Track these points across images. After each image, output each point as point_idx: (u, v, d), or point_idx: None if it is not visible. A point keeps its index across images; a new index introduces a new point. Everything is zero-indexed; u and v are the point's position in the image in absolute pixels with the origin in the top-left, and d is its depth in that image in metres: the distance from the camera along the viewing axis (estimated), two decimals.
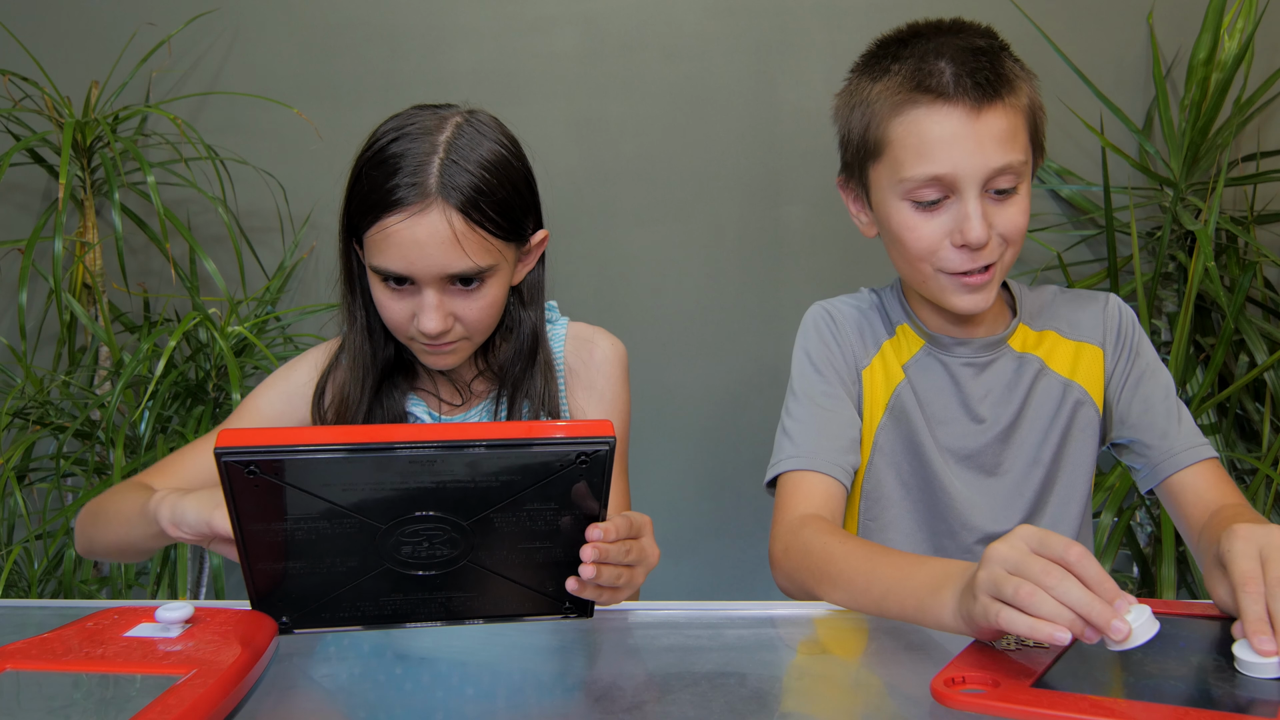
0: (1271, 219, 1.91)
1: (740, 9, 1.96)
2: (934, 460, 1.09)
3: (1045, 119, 1.05)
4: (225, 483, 0.71)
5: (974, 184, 0.98)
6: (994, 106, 0.97)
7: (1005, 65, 1.00)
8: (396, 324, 1.04)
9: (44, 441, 1.89)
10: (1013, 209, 1.00)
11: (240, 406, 1.15)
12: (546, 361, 1.13)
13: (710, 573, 2.04)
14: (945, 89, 0.97)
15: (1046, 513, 1.10)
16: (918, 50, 1.00)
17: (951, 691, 0.64)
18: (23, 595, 1.76)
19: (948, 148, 0.97)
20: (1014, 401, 1.10)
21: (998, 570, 0.68)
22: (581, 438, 0.71)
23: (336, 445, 0.69)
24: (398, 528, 0.74)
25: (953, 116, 0.97)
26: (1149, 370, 1.10)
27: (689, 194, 1.99)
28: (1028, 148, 1.01)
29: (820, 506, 1.02)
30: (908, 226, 1.02)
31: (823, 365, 1.11)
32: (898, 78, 1.00)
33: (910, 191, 1.01)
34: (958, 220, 0.99)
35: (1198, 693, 0.63)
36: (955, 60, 0.98)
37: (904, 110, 0.99)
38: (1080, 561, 0.66)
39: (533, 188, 1.07)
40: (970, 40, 1.00)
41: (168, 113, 1.86)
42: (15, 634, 0.74)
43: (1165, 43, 1.93)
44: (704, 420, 2.02)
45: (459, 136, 1.01)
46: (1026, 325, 1.12)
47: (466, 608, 0.79)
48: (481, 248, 1.00)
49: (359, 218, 1.01)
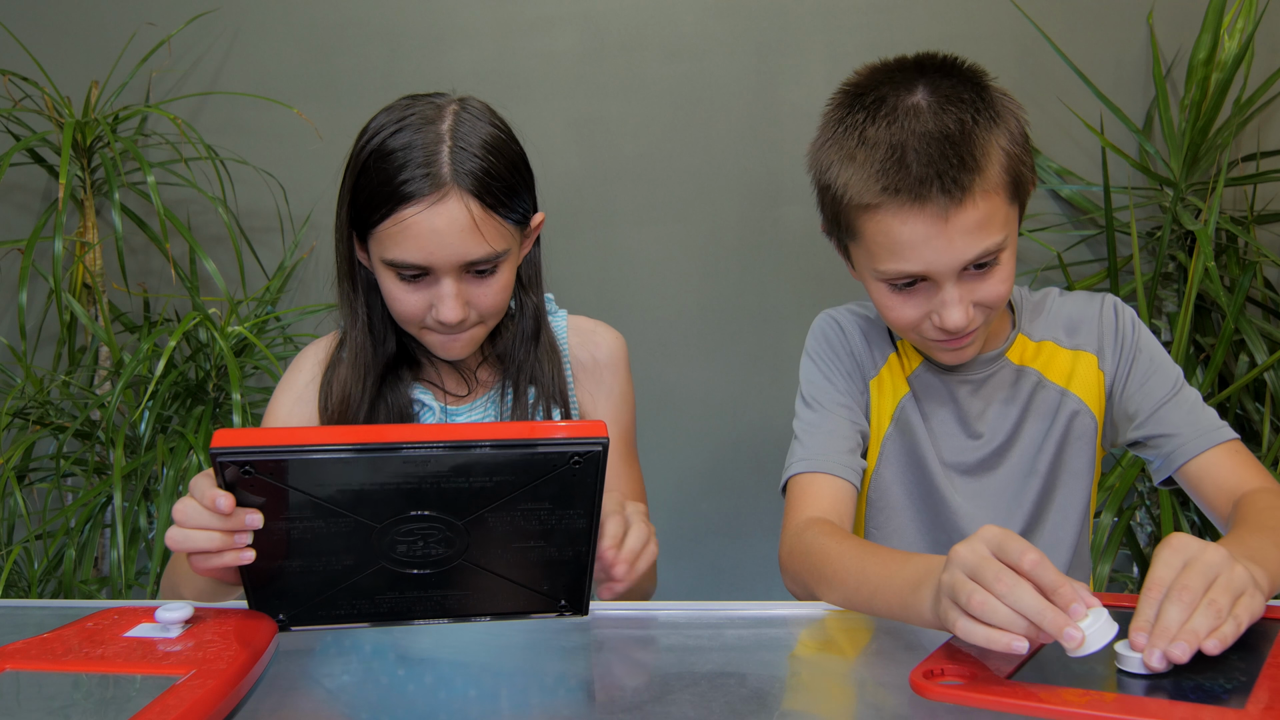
0: (1271, 219, 1.91)
1: (740, 9, 1.96)
2: (936, 472, 1.11)
3: (1028, 156, 0.99)
4: (221, 483, 0.71)
5: (950, 276, 0.96)
6: (965, 205, 0.93)
7: (976, 141, 0.93)
8: (410, 316, 1.04)
9: (44, 441, 1.89)
10: (993, 279, 0.98)
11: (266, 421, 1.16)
12: (551, 344, 1.13)
13: (710, 573, 2.04)
14: (913, 191, 0.92)
15: (1046, 522, 1.11)
16: (885, 132, 0.94)
17: (930, 683, 0.66)
18: (23, 595, 1.76)
19: (919, 250, 0.95)
20: (1011, 416, 1.11)
21: (957, 574, 0.69)
22: (575, 439, 0.71)
23: (332, 445, 0.69)
24: (393, 527, 0.74)
25: (923, 219, 0.93)
26: (1153, 365, 1.09)
27: (689, 194, 1.99)
28: (1008, 218, 0.97)
29: (827, 509, 1.03)
30: (887, 306, 1.01)
31: (831, 372, 1.12)
32: (865, 170, 0.95)
33: (886, 278, 0.99)
34: (936, 305, 0.98)
35: (1172, 685, 0.64)
36: (922, 156, 0.92)
37: (872, 212, 0.96)
38: (1036, 568, 0.66)
39: (529, 169, 1.07)
40: (941, 122, 0.93)
41: (168, 113, 1.86)
42: (15, 634, 0.74)
43: (1165, 43, 1.93)
44: (703, 420, 2.01)
45: (460, 124, 1.01)
46: (1025, 336, 1.12)
47: (463, 606, 0.79)
48: (497, 233, 1.00)
49: (368, 212, 1.01)
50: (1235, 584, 0.68)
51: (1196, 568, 0.68)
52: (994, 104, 0.97)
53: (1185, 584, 0.67)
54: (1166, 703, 0.61)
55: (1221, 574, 0.68)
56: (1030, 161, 1.00)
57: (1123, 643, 0.67)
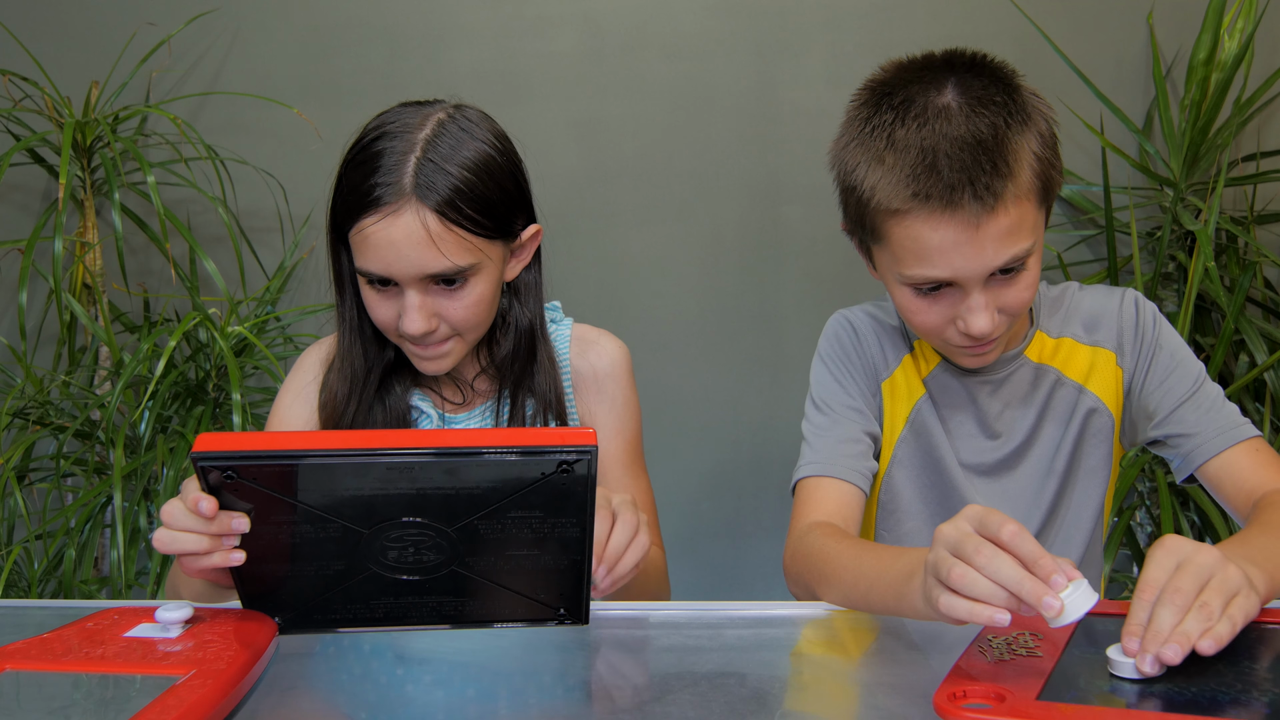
0: (1271, 219, 1.91)
1: (740, 9, 1.96)
2: (954, 473, 1.09)
3: (1058, 159, 0.98)
4: (205, 487, 0.71)
5: (977, 282, 0.95)
6: (996, 211, 0.91)
7: (1009, 148, 0.91)
8: (384, 325, 1.04)
9: (44, 441, 1.89)
10: (1019, 285, 0.96)
11: (270, 419, 1.16)
12: (549, 358, 1.12)
13: (710, 573, 2.04)
14: (944, 198, 0.90)
15: (1062, 520, 1.10)
16: (915, 135, 0.92)
17: (955, 707, 0.63)
18: (23, 595, 1.76)
19: (948, 256, 0.93)
20: (1030, 415, 1.09)
21: (941, 551, 0.69)
22: (561, 446, 0.69)
23: (314, 451, 0.68)
24: (382, 533, 0.73)
25: (953, 226, 0.91)
26: (1174, 362, 1.07)
27: (689, 194, 1.99)
28: (1036, 223, 0.96)
29: (832, 512, 1.02)
30: (910, 310, 1.00)
31: (841, 375, 1.11)
32: (895, 174, 0.93)
33: (912, 283, 0.98)
34: (961, 311, 0.97)
35: (1209, 700, 0.62)
36: (954, 162, 0.90)
37: (902, 216, 0.94)
38: (1015, 538, 0.66)
39: (521, 183, 1.06)
40: (973, 125, 0.91)
41: (168, 113, 1.86)
42: (15, 634, 0.74)
43: (1165, 43, 1.93)
44: (703, 420, 2.01)
45: (440, 134, 0.99)
46: (1044, 333, 1.11)
47: (458, 613, 0.79)
48: (460, 247, 0.98)
49: (343, 218, 1.01)
50: (1228, 585, 0.68)
51: (1189, 569, 0.68)
52: (1025, 106, 0.95)
53: (1178, 586, 0.67)
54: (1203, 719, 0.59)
55: (1215, 575, 0.68)
56: (1059, 164, 0.98)
57: (1115, 647, 0.67)
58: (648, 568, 1.06)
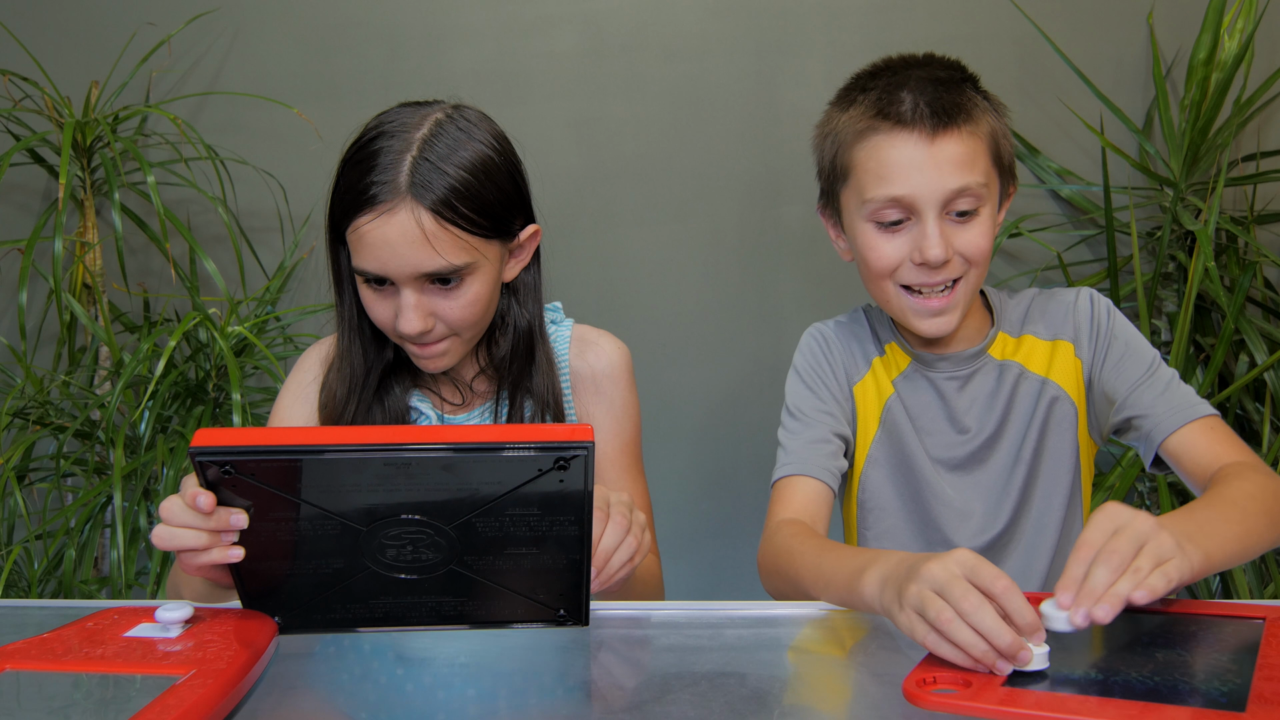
0: (1271, 219, 1.91)
1: (740, 9, 1.96)
2: (925, 469, 1.14)
3: (1011, 148, 1.10)
4: (203, 482, 0.71)
5: (932, 206, 1.03)
6: (949, 132, 1.03)
7: (965, 96, 1.05)
8: (382, 325, 1.04)
9: (44, 441, 1.89)
10: (973, 231, 1.05)
11: (270, 419, 1.16)
12: (548, 359, 1.12)
13: (710, 573, 2.04)
14: (903, 116, 1.03)
15: (1032, 506, 1.14)
16: (883, 82, 1.07)
17: (923, 692, 0.66)
18: (23, 595, 1.76)
19: (905, 171, 1.03)
20: (997, 409, 1.14)
21: (925, 590, 0.72)
22: (557, 442, 0.69)
23: (312, 446, 0.68)
24: (380, 530, 0.73)
25: (909, 141, 1.03)
26: (1128, 349, 1.12)
27: (689, 194, 1.99)
28: (989, 171, 1.06)
29: (800, 510, 1.08)
30: (870, 246, 1.08)
31: (814, 382, 1.17)
32: (861, 107, 1.07)
33: (873, 213, 1.06)
34: (917, 240, 1.05)
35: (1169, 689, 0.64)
36: (915, 90, 1.04)
37: (866, 137, 1.06)
38: (1006, 593, 0.69)
39: (519, 183, 1.06)
40: (933, 72, 1.06)
41: (168, 113, 1.86)
42: (15, 634, 0.74)
43: (1165, 43, 1.93)
44: (703, 420, 2.02)
45: (438, 134, 1.00)
46: (1006, 334, 1.17)
47: (458, 613, 0.78)
48: (456, 246, 0.99)
49: (340, 217, 1.01)
50: (1161, 551, 0.72)
51: (1126, 534, 0.72)
52: (985, 93, 1.09)
53: (1114, 548, 0.71)
54: (1166, 708, 0.61)
55: (1149, 541, 0.72)
56: (1011, 154, 1.11)
57: (1049, 602, 0.70)
58: (642, 574, 1.06)
